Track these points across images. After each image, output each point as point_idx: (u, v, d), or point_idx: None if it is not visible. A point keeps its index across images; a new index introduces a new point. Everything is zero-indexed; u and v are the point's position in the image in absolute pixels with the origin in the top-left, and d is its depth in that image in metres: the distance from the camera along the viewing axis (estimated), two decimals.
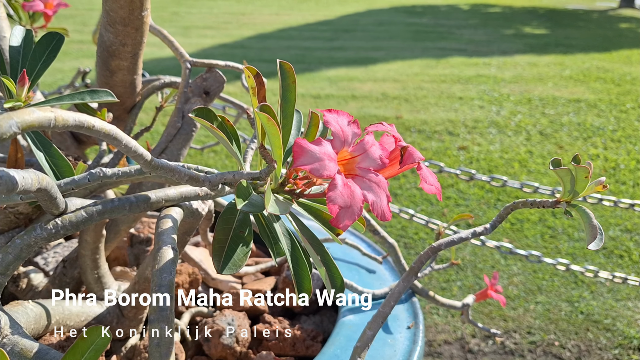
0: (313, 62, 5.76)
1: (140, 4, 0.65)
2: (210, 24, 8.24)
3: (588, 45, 6.98)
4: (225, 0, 11.45)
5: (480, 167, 3.21)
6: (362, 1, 11.72)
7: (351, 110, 4.16)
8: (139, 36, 0.70)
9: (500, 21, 9.12)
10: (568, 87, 4.92)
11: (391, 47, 6.66)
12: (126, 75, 0.76)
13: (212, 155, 3.26)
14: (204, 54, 6.04)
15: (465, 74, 5.32)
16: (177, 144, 0.81)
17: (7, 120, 0.35)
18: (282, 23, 8.49)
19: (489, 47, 6.77)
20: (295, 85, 0.57)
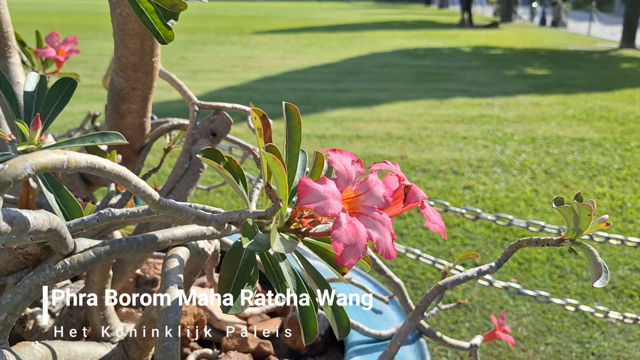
0: (318, 104, 5.85)
1: (151, 50, 0.68)
2: (218, 67, 8.43)
3: (590, 85, 7.06)
4: (232, 44, 11.74)
5: (486, 206, 3.20)
6: (366, 45, 11.98)
7: (356, 150, 4.19)
8: (149, 81, 0.72)
9: (502, 62, 9.27)
10: (572, 127, 4.96)
11: (395, 89, 6.76)
12: (136, 118, 0.78)
13: (218, 195, 3.28)
14: (211, 97, 6.15)
15: (469, 114, 5.38)
16: (184, 185, 0.82)
17: (22, 163, 0.36)
18: (287, 66, 8.67)
19: (492, 87, 6.86)
20: (300, 127, 0.58)
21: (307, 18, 22.68)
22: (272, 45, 11.73)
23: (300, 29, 16.84)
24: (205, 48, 10.87)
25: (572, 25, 19.12)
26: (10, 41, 0.82)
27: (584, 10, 24.97)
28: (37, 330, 0.80)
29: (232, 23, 18.64)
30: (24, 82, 0.86)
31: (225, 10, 29.45)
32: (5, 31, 0.80)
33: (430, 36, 14.34)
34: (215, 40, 12.63)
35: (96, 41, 11.55)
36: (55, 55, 1.05)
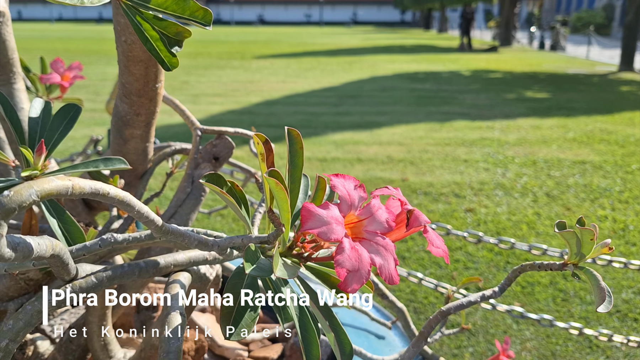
0: (319, 127, 5.89)
1: (155, 76, 0.69)
2: (219, 91, 8.50)
3: (590, 108, 7.10)
4: (234, 69, 11.86)
5: (488, 230, 3.19)
6: (366, 69, 12.10)
7: (357, 173, 4.20)
8: (153, 106, 0.73)
9: (502, 86, 9.35)
10: (572, 149, 4.97)
11: (395, 112, 6.80)
12: (139, 143, 0.78)
13: (219, 219, 3.28)
14: (212, 120, 6.19)
15: (470, 137, 5.40)
16: (186, 209, 0.83)
17: (28, 189, 0.36)
18: (288, 90, 8.74)
19: (492, 111, 6.90)
20: (302, 151, 0.59)
21: (307, 43, 22.95)
22: (274, 70, 11.85)
23: (301, 53, 17.03)
24: (208, 72, 10.99)
25: (571, 49, 19.32)
26: (15, 67, 0.83)
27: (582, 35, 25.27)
28: (37, 356, 0.80)
29: (233, 48, 18.87)
30: (27, 108, 0.87)
31: (227, 35, 29.84)
32: (10, 58, 0.81)
33: (430, 60, 14.48)
34: (217, 64, 12.77)
35: (99, 66, 11.67)
36: (60, 81, 1.06)
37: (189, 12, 0.56)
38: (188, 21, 0.57)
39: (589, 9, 33.93)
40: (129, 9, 0.54)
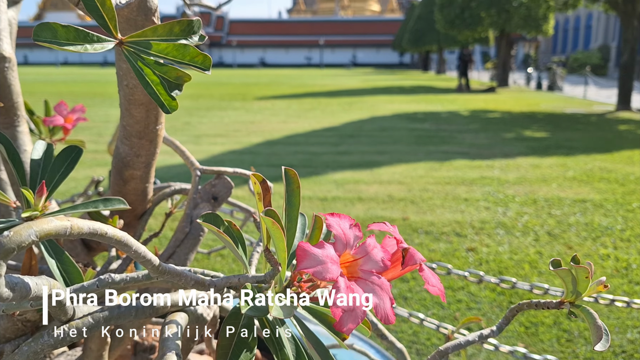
0: (320, 166, 5.92)
1: (155, 118, 0.70)
2: (221, 132, 8.60)
3: (589, 146, 7.16)
4: (235, 110, 12.03)
5: (490, 269, 3.17)
6: (366, 109, 12.26)
7: (358, 212, 4.20)
8: (153, 148, 0.75)
9: (500, 125, 9.44)
10: (572, 188, 4.98)
11: (395, 151, 6.86)
12: (139, 184, 0.79)
13: (219, 259, 3.26)
14: (213, 160, 6.24)
15: (470, 176, 5.42)
16: (184, 249, 0.83)
17: (27, 230, 0.37)
18: (289, 130, 8.84)
19: (491, 150, 6.96)
20: (299, 190, 0.59)
21: (308, 84, 23.33)
22: (275, 110, 12.01)
23: (301, 94, 17.29)
24: (209, 114, 11.14)
25: (568, 89, 19.61)
26: (19, 111, 0.85)
27: (578, 75, 25.69)
28: None
29: (235, 90, 19.18)
30: (30, 150, 0.89)
31: (229, 77, 30.39)
32: (15, 101, 0.83)
33: (429, 101, 14.69)
34: (219, 106, 12.95)
35: (102, 108, 11.85)
36: (63, 124, 1.08)
37: (189, 58, 0.58)
38: (188, 66, 0.59)
39: (585, 50, 34.62)
40: (131, 55, 0.56)
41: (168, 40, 0.58)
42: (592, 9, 16.81)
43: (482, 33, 20.26)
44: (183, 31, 0.59)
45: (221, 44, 60.67)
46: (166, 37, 0.58)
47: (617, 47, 29.27)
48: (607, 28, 32.69)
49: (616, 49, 29.53)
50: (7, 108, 0.82)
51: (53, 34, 0.51)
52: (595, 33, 34.31)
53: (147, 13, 0.63)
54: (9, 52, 0.81)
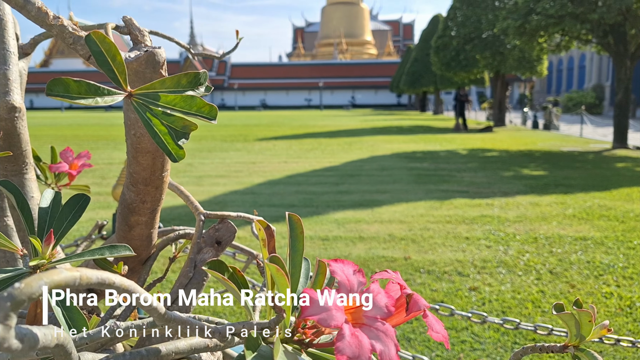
0: (321, 206, 5.93)
1: (162, 166, 0.72)
2: (223, 172, 8.64)
3: (587, 184, 7.19)
4: (237, 151, 12.13)
5: (494, 309, 3.13)
6: (365, 149, 12.36)
7: (359, 252, 4.18)
8: (159, 194, 0.76)
9: (499, 164, 9.50)
10: (573, 226, 4.97)
11: (395, 190, 6.88)
12: (144, 229, 0.80)
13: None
14: (215, 201, 6.25)
15: (470, 215, 5.42)
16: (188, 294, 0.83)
17: (38, 281, 0.38)
18: (290, 170, 8.89)
19: (490, 188, 6.98)
20: (302, 235, 0.60)
21: (308, 125, 23.60)
22: (276, 151, 12.11)
23: (302, 135, 17.47)
24: (211, 155, 11.22)
25: (564, 127, 19.82)
26: (27, 158, 0.86)
27: (574, 114, 26.00)
28: None
29: (237, 131, 19.38)
30: (37, 196, 0.90)
31: (231, 119, 30.76)
32: (23, 150, 0.85)
33: (427, 140, 14.83)
34: (221, 147, 13.07)
35: (106, 151, 11.95)
36: (68, 170, 1.10)
37: (196, 108, 0.60)
38: (195, 116, 0.61)
39: (579, 89, 35.16)
40: (140, 106, 0.58)
41: (176, 91, 0.60)
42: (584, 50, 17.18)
43: (477, 74, 20.65)
44: (190, 83, 0.62)
45: (223, 87, 61.72)
46: (174, 89, 0.61)
47: (611, 86, 29.76)
48: (600, 68, 33.31)
49: (610, 88, 30.03)
50: (15, 156, 0.84)
51: (65, 89, 0.53)
52: (588, 73, 34.94)
53: (155, 66, 0.66)
54: (19, 102, 0.83)
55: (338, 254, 4.13)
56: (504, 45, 17.85)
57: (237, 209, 5.73)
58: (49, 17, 0.62)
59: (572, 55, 38.23)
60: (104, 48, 0.56)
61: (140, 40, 0.72)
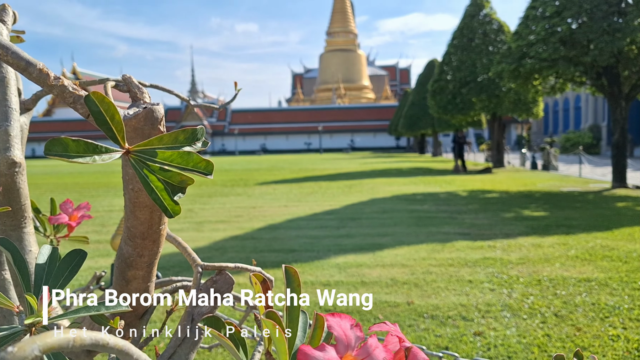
0: (322, 250, 5.89)
1: (159, 219, 0.72)
2: (223, 217, 8.63)
3: (589, 225, 7.16)
4: (237, 195, 12.15)
5: (499, 354, 3.07)
6: (365, 192, 12.39)
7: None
8: (156, 247, 0.76)
9: (499, 205, 9.50)
10: (576, 267, 4.93)
11: (396, 233, 6.85)
12: (141, 283, 0.80)
13: (220, 350, 3.16)
14: (215, 247, 6.22)
15: (472, 257, 5.38)
16: (185, 349, 0.82)
17: (31, 345, 0.38)
18: (290, 214, 8.88)
19: (492, 230, 6.95)
20: (300, 288, 0.60)
21: (308, 168, 23.73)
22: (276, 195, 12.13)
23: (302, 178, 17.54)
24: (212, 200, 11.23)
25: (563, 168, 19.92)
26: (26, 212, 0.87)
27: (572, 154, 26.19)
28: None
29: (237, 176, 19.48)
30: (35, 250, 0.90)
31: (231, 164, 30.96)
32: (23, 204, 0.86)
33: (427, 182, 14.87)
34: (221, 192, 13.10)
35: (106, 198, 11.97)
36: (68, 222, 1.10)
37: (193, 164, 0.61)
38: (191, 172, 0.62)
39: (576, 130, 35.53)
40: (137, 163, 0.59)
41: (173, 147, 0.62)
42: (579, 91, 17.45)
43: (474, 117, 20.93)
44: (187, 139, 0.63)
45: (224, 132, 62.45)
46: (171, 145, 0.62)
47: (607, 126, 30.10)
48: (595, 109, 33.76)
49: (606, 128, 30.35)
50: (14, 210, 0.84)
51: (64, 148, 0.55)
52: (584, 114, 35.38)
53: (154, 122, 0.67)
54: (19, 157, 0.84)
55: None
56: (499, 88, 18.17)
57: (238, 254, 5.69)
58: (49, 78, 0.64)
59: (568, 97, 38.83)
60: (102, 108, 0.58)
61: (139, 97, 0.74)
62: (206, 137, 0.65)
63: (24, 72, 0.65)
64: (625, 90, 11.81)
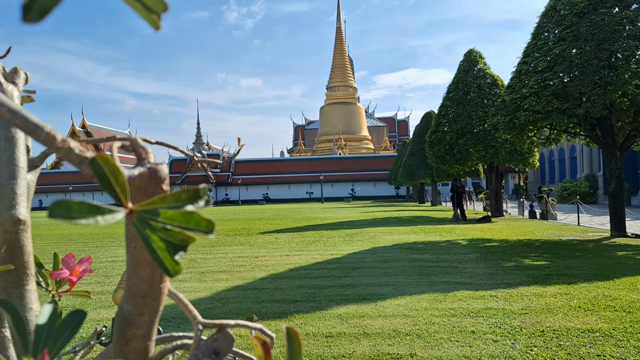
0: (323, 300, 5.82)
1: (160, 277, 0.73)
2: (225, 268, 8.56)
3: (590, 274, 7.10)
4: (240, 245, 12.09)
5: None
6: (366, 241, 12.33)
7: (364, 349, 4.04)
8: (157, 306, 0.77)
9: (500, 254, 9.44)
10: (579, 317, 4.85)
11: (398, 283, 6.78)
12: (140, 342, 0.80)
13: None
14: (217, 297, 6.14)
15: (474, 307, 5.31)
16: None
17: None
18: (292, 263, 8.81)
19: (493, 279, 6.88)
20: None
21: (310, 217, 23.71)
22: (278, 244, 12.07)
23: (304, 227, 17.49)
24: (214, 250, 11.18)
25: (561, 216, 19.90)
26: (29, 270, 0.88)
27: (569, 203, 26.21)
28: None
29: (240, 225, 19.44)
30: (36, 307, 0.91)
31: (234, 214, 30.95)
32: (25, 261, 0.87)
33: (427, 231, 14.82)
34: (224, 242, 13.04)
35: (110, 249, 11.92)
36: (69, 276, 1.11)
37: (194, 223, 0.63)
38: (192, 231, 0.64)
39: (572, 179, 35.67)
40: (140, 222, 0.61)
41: (175, 207, 0.64)
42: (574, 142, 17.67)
43: (472, 166, 21.09)
44: (190, 198, 0.65)
45: (227, 182, 62.73)
46: (174, 204, 0.64)
47: (604, 175, 30.26)
48: (591, 158, 34.03)
49: (603, 177, 30.50)
50: (17, 268, 0.85)
51: (67, 210, 0.56)
52: (580, 163, 35.62)
53: (157, 182, 0.69)
54: (24, 215, 0.86)
55: (342, 352, 4.00)
56: (495, 139, 18.40)
57: (239, 305, 5.60)
58: (56, 141, 0.67)
59: (563, 147, 39.20)
60: (107, 170, 0.60)
61: (144, 157, 0.76)
62: (210, 187, 0.67)
63: (32, 135, 0.68)
64: (619, 141, 11.96)
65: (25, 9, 0.35)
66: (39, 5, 0.35)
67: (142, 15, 0.45)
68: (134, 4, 0.45)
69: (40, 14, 0.36)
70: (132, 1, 0.44)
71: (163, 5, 0.45)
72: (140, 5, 0.44)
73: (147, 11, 0.45)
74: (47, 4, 0.36)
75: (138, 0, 0.45)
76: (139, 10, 0.45)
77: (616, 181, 11.74)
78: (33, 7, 0.35)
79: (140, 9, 0.45)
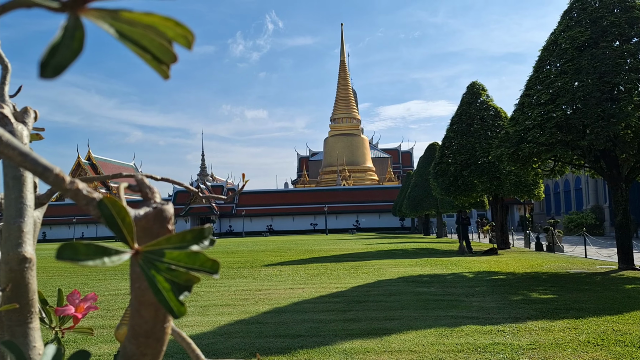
0: (328, 335, 5.74)
1: (164, 317, 0.74)
2: (228, 301, 8.48)
3: (599, 308, 6.99)
4: (243, 278, 12.00)
5: None
6: (372, 273, 12.22)
7: None
8: (159, 346, 0.76)
9: (506, 288, 9.32)
10: (588, 353, 4.76)
11: (404, 317, 6.69)
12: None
13: None
14: (220, 332, 6.07)
15: (482, 343, 5.22)
16: None
17: None
18: (296, 297, 8.72)
19: (500, 314, 6.78)
20: None
21: (314, 249, 23.56)
22: (282, 277, 11.97)
23: (308, 259, 17.38)
24: (217, 283, 11.08)
25: (568, 249, 19.71)
26: (33, 307, 0.88)
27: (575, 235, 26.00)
28: None
29: (243, 257, 19.33)
30: (39, 346, 0.90)
31: (238, 246, 30.81)
32: (30, 299, 0.87)
33: (433, 263, 14.69)
34: (227, 274, 12.95)
35: (113, 282, 11.86)
36: (74, 313, 1.11)
37: (199, 264, 0.64)
38: (197, 271, 0.64)
39: (578, 211, 35.44)
40: (145, 263, 0.62)
41: (181, 247, 0.64)
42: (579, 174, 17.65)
43: (477, 198, 21.02)
44: (195, 238, 0.66)
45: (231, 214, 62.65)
46: (179, 245, 0.65)
47: (609, 207, 30.08)
48: (596, 190, 33.87)
49: (609, 209, 30.30)
50: (22, 306, 0.86)
51: (74, 252, 0.57)
52: (585, 195, 35.44)
53: (163, 222, 0.70)
54: (30, 253, 0.87)
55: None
56: (500, 170, 18.40)
57: (242, 340, 5.53)
58: (65, 182, 0.68)
59: (568, 179, 39.11)
60: (114, 211, 0.61)
61: (150, 197, 0.78)
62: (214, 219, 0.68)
63: (41, 177, 0.69)
64: (624, 173, 11.94)
65: (43, 66, 0.37)
66: (56, 62, 0.37)
67: (152, 66, 0.47)
68: (145, 55, 0.46)
69: (56, 70, 0.37)
70: (142, 53, 0.46)
71: (172, 56, 0.47)
72: (150, 57, 0.46)
73: (157, 62, 0.47)
74: (63, 61, 0.38)
75: (148, 52, 0.46)
76: (149, 61, 0.46)
77: (622, 213, 11.66)
78: (50, 63, 0.37)
79: (151, 61, 0.47)
